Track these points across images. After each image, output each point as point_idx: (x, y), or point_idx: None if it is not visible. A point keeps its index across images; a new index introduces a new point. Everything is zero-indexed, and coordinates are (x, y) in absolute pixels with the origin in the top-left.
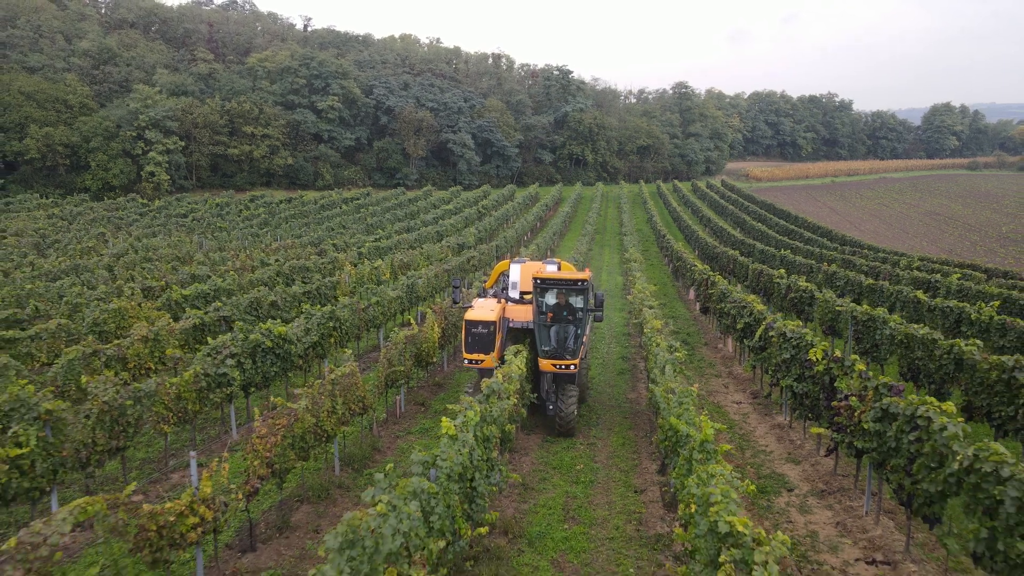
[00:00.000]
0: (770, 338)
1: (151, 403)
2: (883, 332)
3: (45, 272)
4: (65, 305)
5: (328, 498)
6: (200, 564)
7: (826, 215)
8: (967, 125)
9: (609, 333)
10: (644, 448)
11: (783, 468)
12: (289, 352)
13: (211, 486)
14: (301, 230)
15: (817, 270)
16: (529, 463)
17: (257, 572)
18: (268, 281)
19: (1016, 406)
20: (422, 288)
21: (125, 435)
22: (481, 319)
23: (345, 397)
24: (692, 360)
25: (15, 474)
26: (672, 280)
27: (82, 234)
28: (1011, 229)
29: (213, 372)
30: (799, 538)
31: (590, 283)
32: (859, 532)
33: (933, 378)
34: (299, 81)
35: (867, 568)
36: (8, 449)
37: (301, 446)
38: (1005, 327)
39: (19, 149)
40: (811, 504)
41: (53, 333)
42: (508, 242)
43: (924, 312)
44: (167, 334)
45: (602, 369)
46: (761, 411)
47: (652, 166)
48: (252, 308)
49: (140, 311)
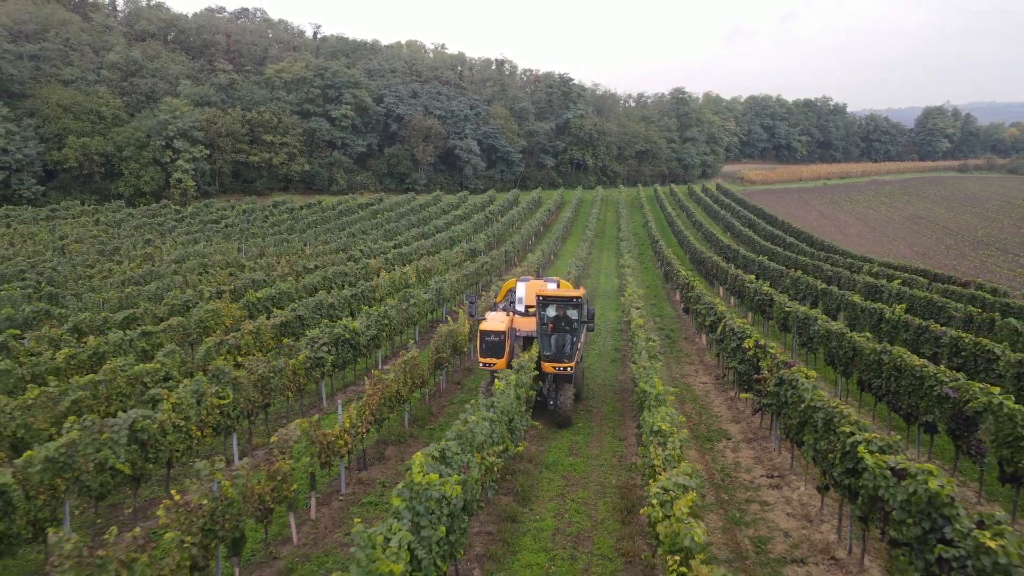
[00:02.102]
0: (726, 332)
1: (281, 376)
2: (815, 328)
3: (128, 278)
4: (164, 307)
5: (404, 442)
6: (342, 471)
7: (814, 219)
8: (959, 128)
9: (606, 329)
10: (628, 413)
11: (727, 425)
12: (358, 342)
13: (348, 423)
14: (326, 236)
15: (786, 275)
16: (543, 422)
17: (372, 480)
18: (318, 285)
19: (882, 379)
20: (447, 291)
21: (270, 396)
22: (493, 329)
23: (411, 374)
24: (672, 351)
25: (221, 416)
26: (663, 282)
27: (135, 240)
28: (986, 233)
29: (313, 356)
30: (727, 465)
31: (584, 299)
32: (767, 461)
33: (842, 361)
34: (314, 91)
35: (767, 480)
36: (215, 400)
37: (389, 404)
38: (907, 324)
39: (58, 159)
40: (741, 447)
41: (175, 327)
42: (515, 247)
43: (859, 313)
44: (265, 329)
45: (599, 358)
46: (719, 388)
47: (650, 170)
48: (317, 309)
49: (229, 310)
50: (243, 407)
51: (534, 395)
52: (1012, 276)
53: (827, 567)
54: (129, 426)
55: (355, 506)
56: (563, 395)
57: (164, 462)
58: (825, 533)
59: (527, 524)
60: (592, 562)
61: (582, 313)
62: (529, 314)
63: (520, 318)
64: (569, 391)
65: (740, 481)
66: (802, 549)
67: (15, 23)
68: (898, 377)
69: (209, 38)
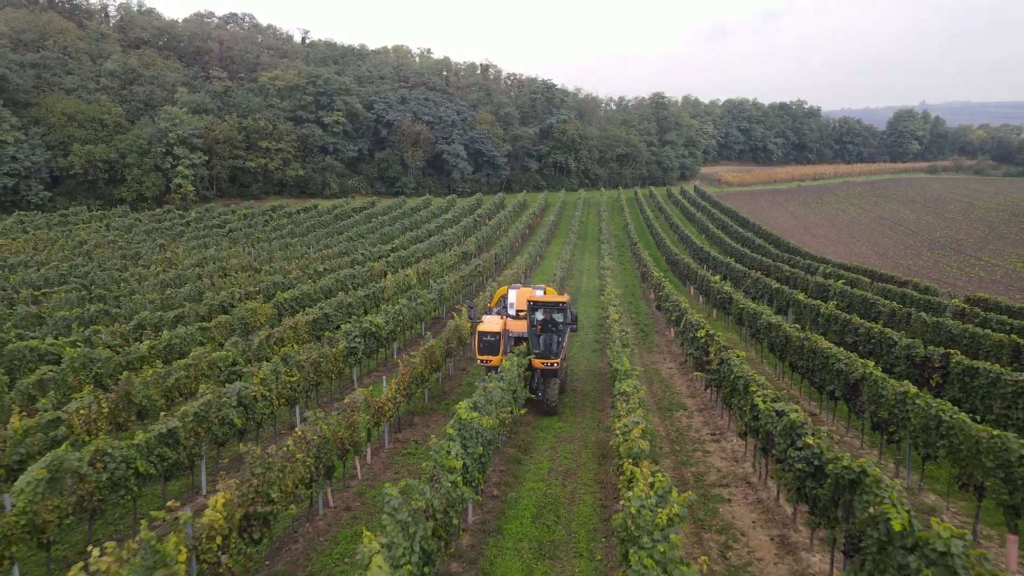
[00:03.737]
0: (686, 325)
1: (327, 362)
2: (760, 322)
3: (160, 281)
4: (204, 306)
5: (426, 414)
6: (386, 430)
7: (786, 220)
8: (928, 130)
9: (588, 324)
10: (606, 391)
11: (685, 399)
12: (381, 335)
13: (390, 393)
14: (327, 240)
15: (748, 276)
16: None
17: (407, 440)
18: (333, 287)
19: (804, 360)
20: (448, 291)
21: (321, 376)
22: (490, 330)
23: (430, 359)
24: (645, 342)
25: (290, 390)
26: (640, 283)
27: (151, 245)
28: (943, 234)
29: (348, 346)
30: (682, 428)
31: (567, 304)
32: (712, 424)
33: (779, 348)
34: (307, 98)
35: (710, 436)
36: (287, 377)
37: (416, 382)
38: (836, 318)
39: (64, 165)
40: (694, 414)
41: (223, 324)
42: (504, 249)
43: (802, 309)
44: (301, 325)
45: (581, 348)
46: (682, 372)
47: (631, 172)
48: (339, 307)
49: (263, 309)
50: (303, 384)
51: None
52: (958, 275)
53: (743, 488)
54: (237, 393)
55: (398, 455)
56: (550, 387)
57: (256, 422)
58: (745, 468)
59: (528, 465)
60: (577, 487)
61: (566, 316)
62: (519, 317)
63: (512, 320)
64: (555, 384)
65: (690, 438)
66: (728, 479)
67: (14, 31)
68: (813, 358)
69: (202, 45)
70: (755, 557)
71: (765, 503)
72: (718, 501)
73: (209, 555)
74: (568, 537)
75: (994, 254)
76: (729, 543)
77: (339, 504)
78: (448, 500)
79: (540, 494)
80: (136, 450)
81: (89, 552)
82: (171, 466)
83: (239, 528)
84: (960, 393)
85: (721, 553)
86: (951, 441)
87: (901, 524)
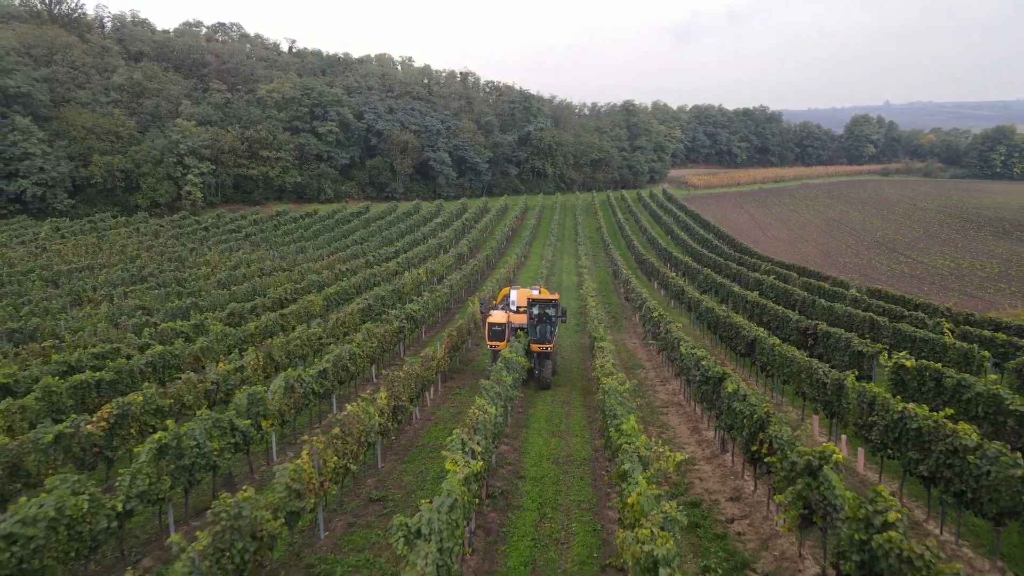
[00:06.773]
0: (646, 310)
1: (387, 335)
2: (702, 308)
3: (219, 280)
4: (268, 299)
5: (459, 372)
6: (438, 379)
7: (745, 222)
8: (883, 134)
9: (569, 313)
10: (587, 358)
11: (644, 363)
12: (416, 318)
13: (440, 354)
14: (335, 243)
15: (701, 272)
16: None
17: (452, 386)
18: (362, 284)
19: (724, 331)
20: (455, 287)
21: (385, 347)
22: (498, 321)
23: (459, 334)
24: (615, 326)
25: (357, 363)
26: (612, 279)
27: (184, 250)
28: (883, 234)
29: (399, 326)
30: (641, 379)
31: (558, 301)
32: (661, 376)
33: (712, 325)
34: (302, 109)
35: (659, 382)
36: (355, 347)
37: (454, 348)
38: (759, 304)
39: (85, 175)
40: (649, 372)
41: (296, 311)
42: (493, 251)
43: (736, 298)
44: (355, 313)
45: (566, 329)
46: (643, 346)
47: (604, 176)
48: (378, 300)
49: (317, 301)
50: (376, 351)
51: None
52: (885, 271)
53: (676, 408)
54: (349, 351)
55: (449, 394)
56: (544, 367)
57: (358, 371)
58: (679, 398)
59: (532, 417)
60: (571, 409)
61: (558, 311)
62: (520, 312)
63: (514, 314)
64: (548, 364)
65: (646, 384)
66: (668, 404)
67: (24, 46)
68: (730, 328)
69: (198, 57)
70: (677, 435)
71: (688, 414)
72: (660, 414)
73: (384, 417)
74: (568, 429)
75: (923, 252)
76: (663, 431)
77: (423, 416)
78: (506, 395)
79: (547, 412)
80: (313, 378)
81: (329, 416)
82: (328, 390)
83: (392, 411)
84: (823, 349)
85: (659, 434)
86: (793, 369)
87: (733, 388)
